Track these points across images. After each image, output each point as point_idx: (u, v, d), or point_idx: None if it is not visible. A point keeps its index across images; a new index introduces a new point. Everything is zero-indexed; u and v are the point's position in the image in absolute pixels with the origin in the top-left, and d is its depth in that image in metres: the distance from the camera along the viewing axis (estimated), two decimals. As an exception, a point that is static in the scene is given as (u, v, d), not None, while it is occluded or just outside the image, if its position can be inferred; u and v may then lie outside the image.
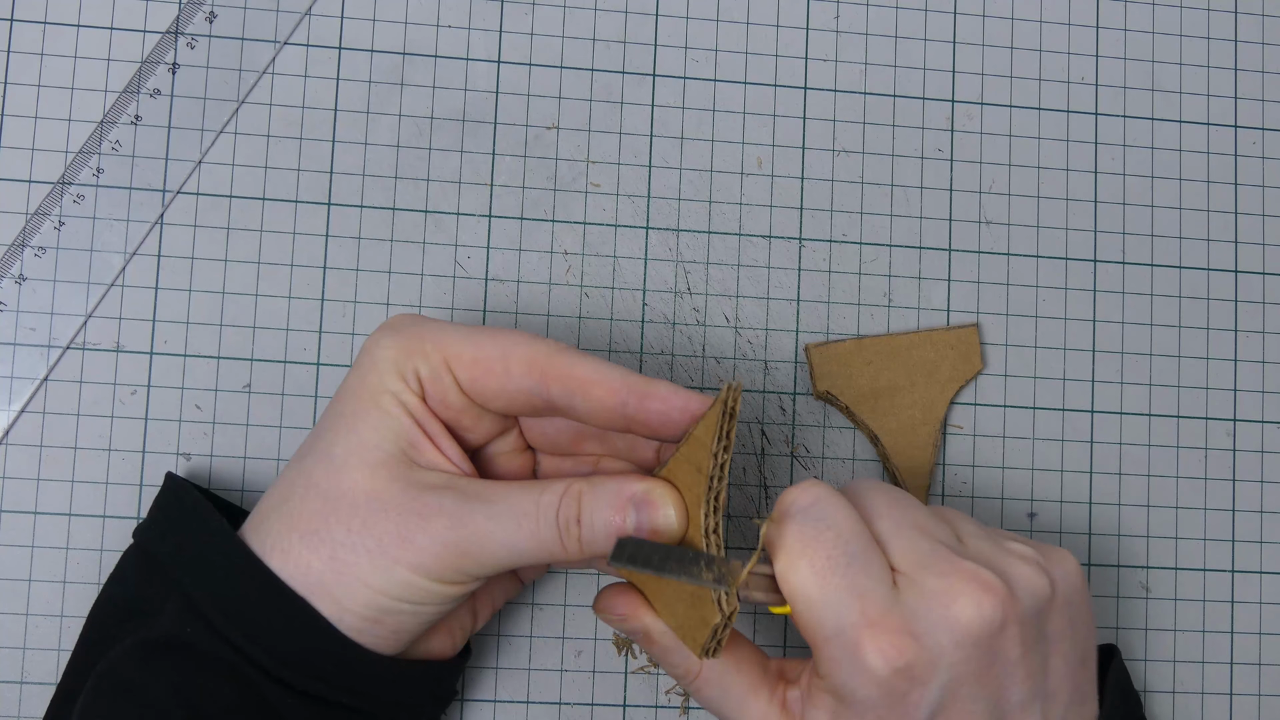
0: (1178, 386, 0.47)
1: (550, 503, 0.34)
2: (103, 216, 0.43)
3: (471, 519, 0.34)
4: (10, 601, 0.42)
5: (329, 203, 0.44)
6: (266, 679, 0.34)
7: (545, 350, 0.35)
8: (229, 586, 0.34)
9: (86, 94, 0.44)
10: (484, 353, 0.35)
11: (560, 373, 0.35)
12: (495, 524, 0.34)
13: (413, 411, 0.35)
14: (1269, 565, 0.47)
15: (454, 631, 0.39)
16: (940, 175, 0.47)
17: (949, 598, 0.33)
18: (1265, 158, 0.49)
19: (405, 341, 0.35)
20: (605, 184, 0.46)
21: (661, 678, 0.44)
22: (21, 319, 0.43)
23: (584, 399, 0.35)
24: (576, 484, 0.35)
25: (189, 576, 0.35)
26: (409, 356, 0.35)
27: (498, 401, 0.36)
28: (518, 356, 0.35)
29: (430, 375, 0.35)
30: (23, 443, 0.43)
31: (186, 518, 0.36)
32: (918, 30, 0.48)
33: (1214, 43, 0.49)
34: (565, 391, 0.35)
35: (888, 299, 0.46)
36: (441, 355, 0.35)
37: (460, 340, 0.35)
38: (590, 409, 0.35)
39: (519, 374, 0.35)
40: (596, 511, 0.34)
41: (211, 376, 0.43)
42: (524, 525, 0.34)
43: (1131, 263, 0.48)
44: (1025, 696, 0.35)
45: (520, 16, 0.46)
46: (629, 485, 0.35)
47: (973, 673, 0.34)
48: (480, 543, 0.34)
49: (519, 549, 0.34)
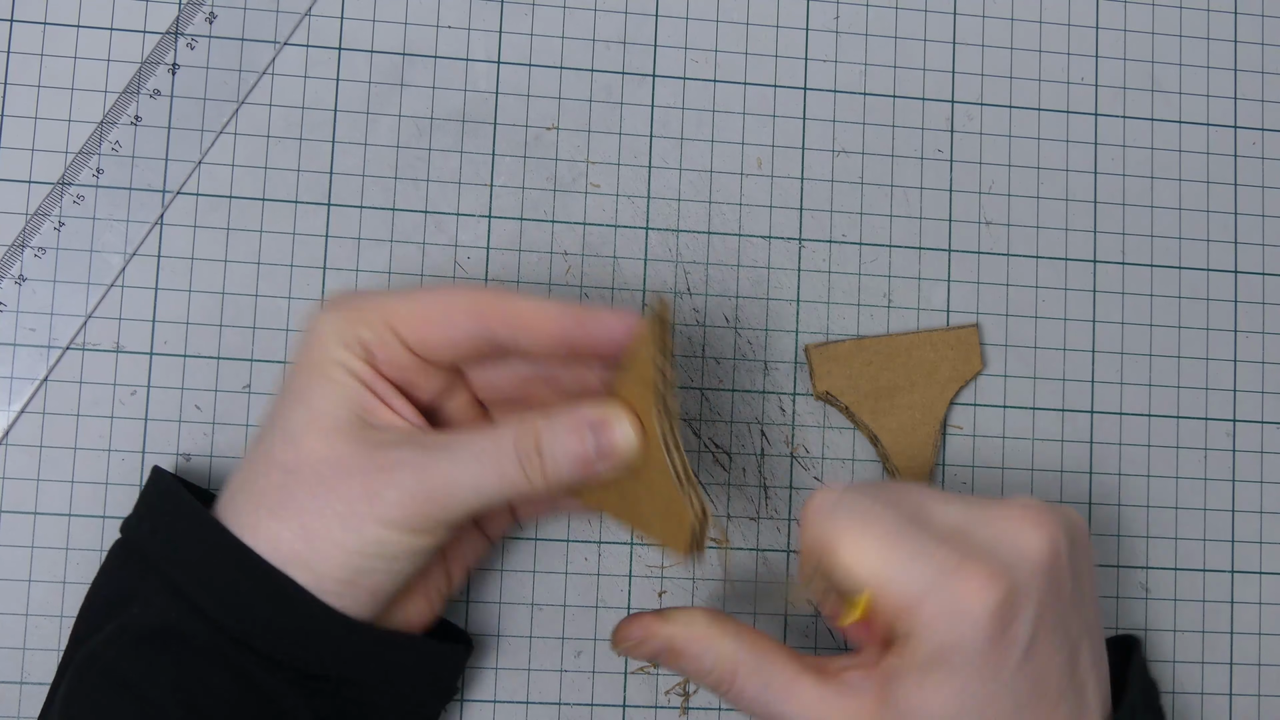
0: (1177, 387, 0.47)
1: (507, 435, 0.35)
2: (103, 217, 0.43)
3: (434, 465, 0.34)
4: (10, 602, 0.42)
5: (329, 203, 0.44)
6: (251, 656, 0.34)
7: (484, 294, 0.36)
8: (207, 566, 0.35)
9: (86, 94, 0.44)
10: (424, 308, 0.36)
11: (501, 312, 0.36)
12: (458, 467, 0.34)
13: (361, 376, 0.36)
14: (1269, 565, 0.47)
15: (430, 595, 0.39)
16: (940, 175, 0.47)
17: (1016, 529, 0.34)
18: (1265, 158, 0.49)
19: (345, 313, 0.36)
20: (605, 184, 0.46)
21: (661, 678, 0.44)
22: (21, 319, 0.43)
23: (527, 334, 0.36)
24: (530, 416, 0.36)
25: (167, 560, 0.35)
26: (351, 325, 0.36)
27: (445, 351, 0.36)
28: (458, 305, 0.36)
29: (375, 339, 0.36)
30: (23, 443, 0.43)
31: (163, 504, 0.37)
32: (918, 30, 0.48)
33: (1214, 43, 0.49)
34: (509, 331, 0.36)
35: (888, 299, 0.46)
36: (383, 318, 0.36)
37: (399, 300, 0.36)
38: (535, 341, 0.36)
39: (462, 322, 0.36)
40: (555, 439, 0.35)
41: (211, 377, 0.43)
42: (485, 463, 0.35)
43: (1131, 263, 0.48)
44: (1080, 628, 0.35)
45: (520, 17, 0.46)
46: (583, 410, 0.36)
47: (1048, 603, 0.34)
48: (446, 487, 0.34)
49: (484, 488, 0.35)
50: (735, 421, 0.45)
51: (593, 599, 0.44)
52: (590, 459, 0.36)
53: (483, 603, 0.44)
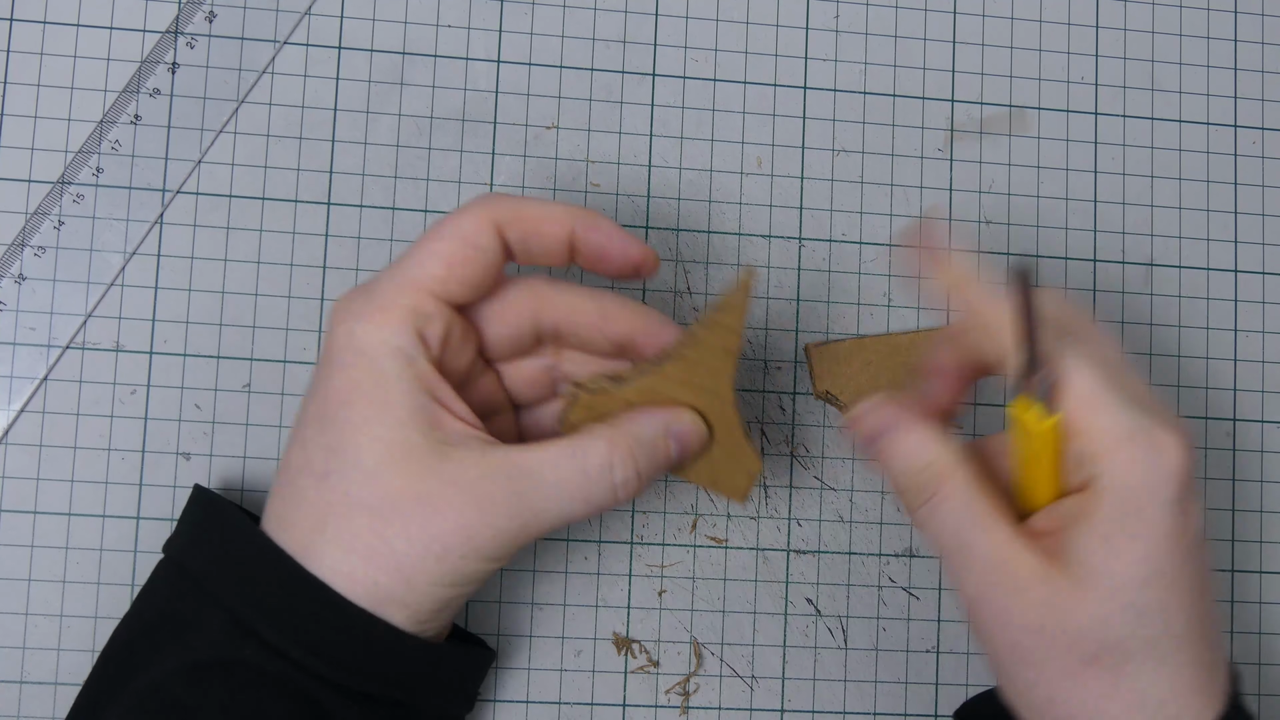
0: (1178, 386, 0.47)
1: (600, 467, 0.35)
2: (102, 216, 0.43)
3: (527, 502, 0.34)
4: (10, 601, 0.42)
5: (329, 202, 0.44)
6: (322, 686, 0.34)
7: (490, 202, 0.36)
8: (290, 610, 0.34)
9: (86, 94, 0.44)
10: (448, 250, 0.35)
11: (511, 214, 0.36)
12: (550, 501, 0.35)
13: (427, 384, 0.35)
14: (1269, 565, 0.47)
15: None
16: (940, 175, 0.47)
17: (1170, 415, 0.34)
18: (1265, 158, 0.49)
19: (386, 314, 0.35)
20: (605, 184, 0.46)
21: (661, 677, 0.44)
22: (21, 319, 0.43)
23: (537, 236, 0.36)
24: (621, 443, 0.36)
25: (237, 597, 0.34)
26: (400, 322, 0.34)
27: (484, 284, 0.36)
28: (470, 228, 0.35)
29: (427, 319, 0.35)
30: (23, 442, 0.43)
31: (233, 540, 0.36)
32: (918, 30, 0.48)
33: (1214, 43, 0.49)
34: (520, 235, 0.36)
35: (888, 299, 0.46)
36: (421, 290, 0.35)
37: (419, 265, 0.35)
38: (543, 245, 0.36)
39: (485, 244, 0.36)
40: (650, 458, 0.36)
41: (211, 376, 0.43)
42: (575, 493, 0.35)
43: (1131, 262, 0.48)
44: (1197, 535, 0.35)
45: (520, 16, 0.46)
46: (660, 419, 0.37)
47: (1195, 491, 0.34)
48: (538, 518, 0.35)
49: (575, 512, 0.35)
50: (735, 421, 0.45)
51: (593, 599, 0.44)
52: (672, 464, 0.37)
53: (483, 602, 0.44)
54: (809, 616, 0.45)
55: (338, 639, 0.34)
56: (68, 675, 0.42)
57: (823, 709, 0.45)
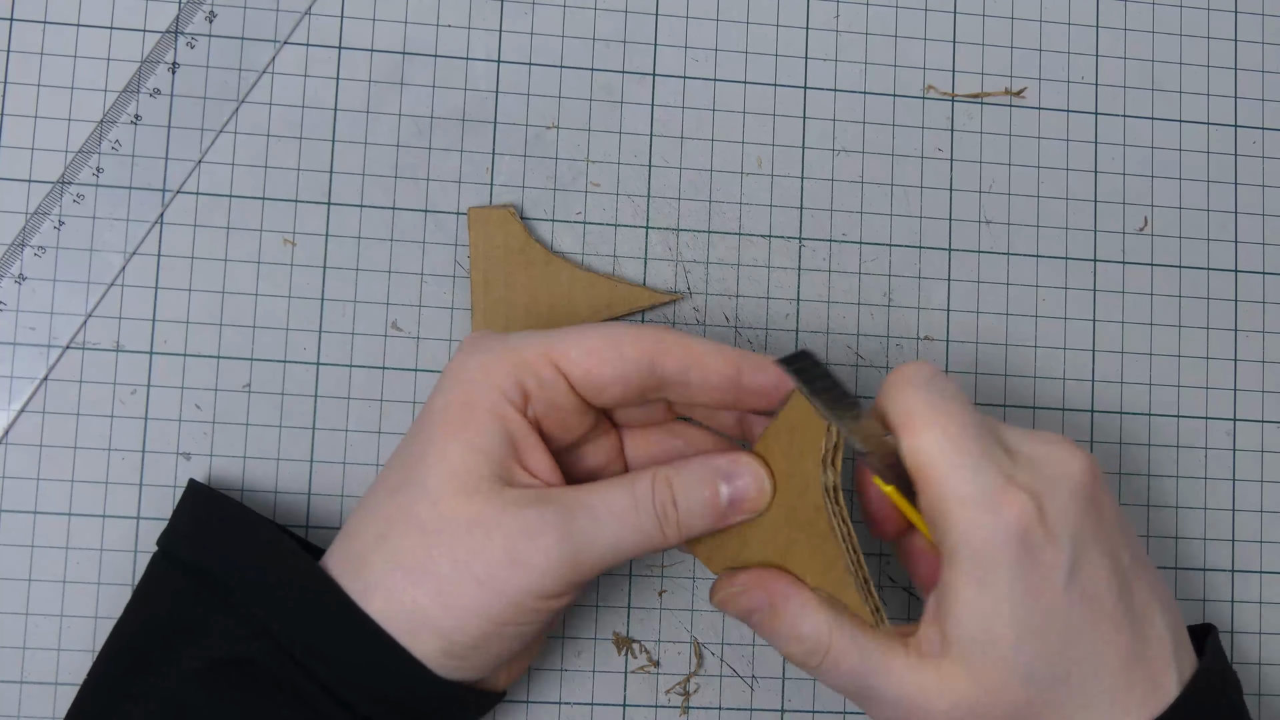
0: (1178, 386, 0.47)
1: (645, 493, 0.35)
2: (103, 216, 0.43)
3: (577, 528, 0.34)
4: (10, 601, 0.42)
5: (329, 202, 0.44)
6: (330, 703, 0.34)
7: (653, 330, 0.36)
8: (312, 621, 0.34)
9: (86, 93, 0.44)
10: (592, 344, 0.35)
11: (673, 348, 0.35)
12: (599, 527, 0.34)
13: (511, 428, 0.35)
14: (1269, 565, 0.47)
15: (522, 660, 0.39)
16: (940, 175, 0.47)
17: (1055, 458, 0.35)
18: (1265, 157, 0.49)
19: (502, 356, 0.35)
20: (605, 184, 0.46)
21: (661, 677, 0.44)
22: (21, 319, 0.43)
23: (699, 371, 0.35)
24: (662, 470, 0.35)
25: (267, 610, 0.34)
26: (510, 370, 0.35)
27: (612, 390, 0.36)
28: (628, 340, 0.35)
29: (538, 383, 0.35)
30: (23, 442, 0.43)
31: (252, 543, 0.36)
32: (918, 30, 0.48)
33: (1214, 42, 0.49)
34: (680, 367, 0.35)
35: (888, 299, 0.46)
36: (548, 359, 0.35)
37: (562, 340, 0.35)
38: (705, 381, 0.36)
39: (633, 356, 0.35)
40: (690, 491, 0.35)
41: (211, 376, 0.43)
42: (626, 521, 0.34)
43: (1131, 262, 0.48)
44: (1131, 560, 0.36)
45: (520, 16, 0.46)
46: (714, 459, 0.36)
47: (1090, 527, 0.34)
48: (589, 549, 0.34)
49: (623, 547, 0.35)
50: (735, 421, 0.45)
51: (593, 599, 0.44)
52: (723, 510, 0.36)
53: (483, 602, 0.44)
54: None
55: (359, 662, 0.34)
56: (68, 675, 0.42)
57: (823, 709, 0.45)
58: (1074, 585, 0.34)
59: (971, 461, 0.34)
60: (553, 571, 0.33)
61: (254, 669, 0.34)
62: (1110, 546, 0.35)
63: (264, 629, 0.34)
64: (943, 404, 0.34)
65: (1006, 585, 0.33)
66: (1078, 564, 0.34)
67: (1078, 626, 0.34)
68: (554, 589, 0.34)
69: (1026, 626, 0.34)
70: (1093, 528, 0.35)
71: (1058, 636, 0.34)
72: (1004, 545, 0.33)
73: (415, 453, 0.35)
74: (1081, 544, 0.34)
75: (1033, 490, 0.34)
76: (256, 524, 0.36)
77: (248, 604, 0.34)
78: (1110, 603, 0.35)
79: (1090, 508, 0.35)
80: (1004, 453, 0.35)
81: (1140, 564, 0.36)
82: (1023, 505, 0.33)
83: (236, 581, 0.35)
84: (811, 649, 0.35)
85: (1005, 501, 0.33)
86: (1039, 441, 0.36)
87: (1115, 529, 0.36)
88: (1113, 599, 0.35)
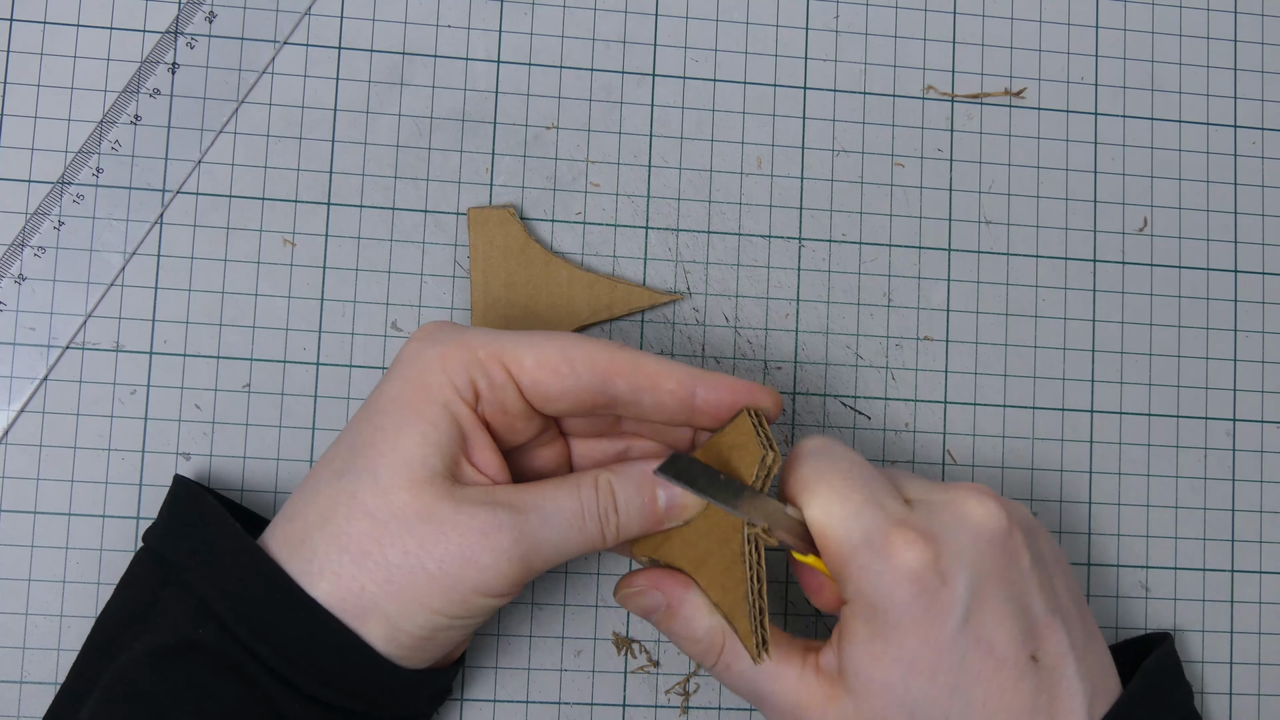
0: (1177, 386, 0.47)
1: (590, 498, 0.35)
2: (102, 216, 0.43)
3: (530, 530, 0.34)
4: (10, 601, 0.42)
5: (329, 203, 0.44)
6: (275, 682, 0.34)
7: (607, 348, 0.36)
8: (256, 602, 0.34)
9: (86, 94, 0.44)
10: (546, 355, 0.35)
11: (626, 368, 0.35)
12: (549, 531, 0.35)
13: (462, 423, 0.35)
14: (1269, 565, 0.47)
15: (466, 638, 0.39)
16: (940, 175, 0.47)
17: (958, 502, 0.35)
18: (1265, 158, 0.49)
19: (455, 350, 0.35)
20: (605, 184, 0.46)
21: (661, 677, 0.44)
22: (21, 319, 0.43)
23: (652, 392, 0.36)
24: (604, 474, 0.36)
25: (207, 584, 0.35)
26: (463, 366, 0.35)
27: (560, 403, 0.36)
28: (581, 356, 0.35)
29: (489, 384, 0.35)
30: (23, 442, 0.43)
31: (207, 528, 0.36)
32: (918, 30, 0.48)
33: (1214, 43, 0.49)
34: (632, 387, 0.35)
35: (888, 299, 0.46)
36: (500, 362, 0.35)
37: (517, 345, 0.35)
38: (658, 402, 0.36)
39: (584, 373, 0.35)
40: (629, 497, 0.36)
41: (211, 376, 0.43)
42: (573, 525, 0.35)
43: (1131, 263, 0.48)
44: (1046, 608, 0.36)
45: (520, 16, 0.46)
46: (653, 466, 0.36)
47: (994, 573, 0.35)
48: (538, 551, 0.34)
49: (568, 548, 0.35)
50: (735, 421, 0.45)
51: (593, 599, 0.44)
52: (660, 516, 0.36)
53: (482, 602, 0.44)
54: (809, 616, 0.45)
55: (305, 643, 0.34)
56: (68, 675, 0.42)
57: (822, 709, 0.45)
58: (968, 629, 0.34)
59: (855, 509, 0.35)
60: (504, 571, 0.34)
61: (201, 651, 0.34)
62: (1017, 594, 0.35)
63: (211, 612, 0.34)
64: (830, 466, 0.36)
65: (895, 624, 0.34)
66: (975, 608, 0.34)
67: (973, 670, 0.34)
68: (502, 588, 0.34)
69: (914, 666, 0.34)
70: (998, 574, 0.35)
71: (947, 678, 0.34)
72: (893, 586, 0.34)
73: (364, 438, 0.35)
74: (981, 589, 0.34)
75: (927, 533, 0.34)
76: (213, 508, 0.36)
77: (196, 587, 0.35)
78: (1010, 650, 0.35)
79: (995, 554, 0.35)
80: (899, 501, 0.35)
81: (1060, 614, 0.36)
82: (911, 545, 0.34)
83: (185, 564, 0.35)
84: (705, 650, 0.37)
85: (894, 543, 0.34)
86: (945, 490, 0.36)
87: (1030, 578, 0.36)
88: (1013, 646, 0.35)
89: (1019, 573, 0.35)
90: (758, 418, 0.36)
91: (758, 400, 0.36)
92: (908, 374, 0.46)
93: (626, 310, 0.44)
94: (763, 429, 0.36)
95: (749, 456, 0.35)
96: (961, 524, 0.35)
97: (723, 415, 0.37)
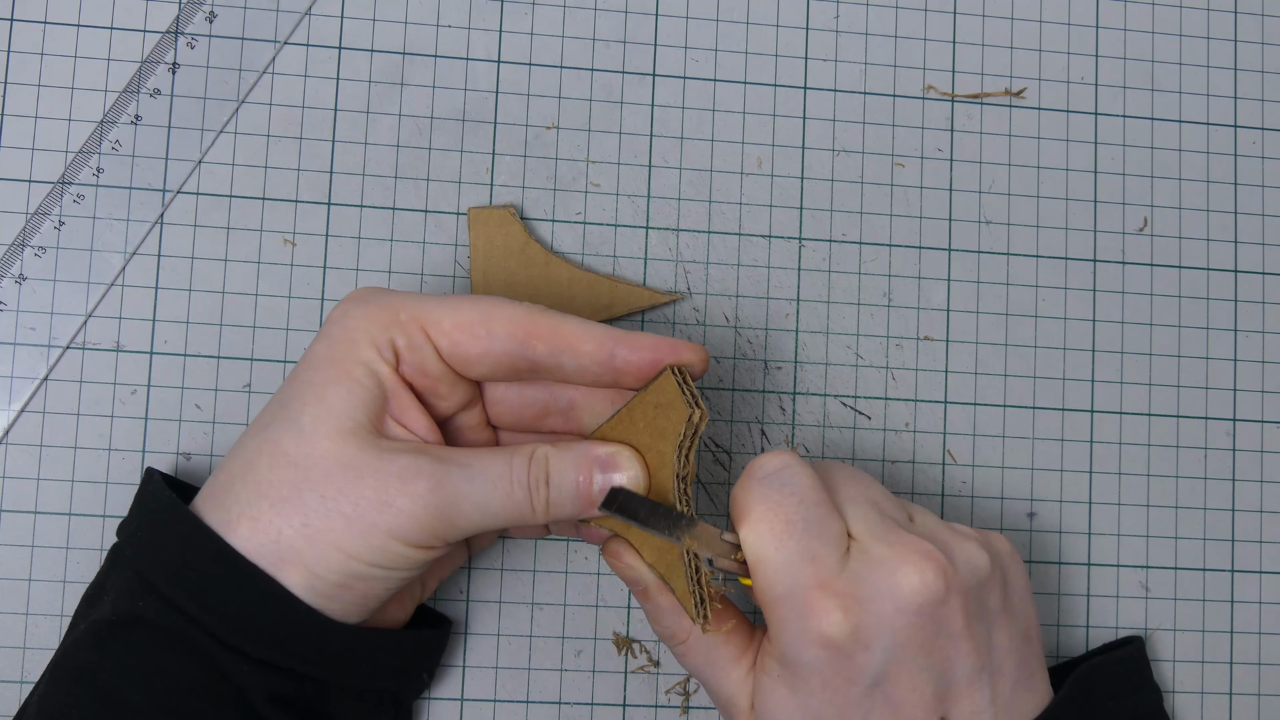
0: (1177, 386, 0.47)
1: (521, 464, 0.35)
2: (103, 216, 0.43)
3: (450, 481, 0.34)
4: (10, 601, 0.42)
5: (329, 203, 0.44)
6: (223, 650, 0.34)
7: (526, 311, 0.36)
8: (181, 559, 0.34)
9: (86, 94, 0.44)
10: (464, 317, 0.35)
11: (545, 331, 0.35)
12: (472, 486, 0.34)
13: (384, 382, 0.35)
14: (1269, 565, 0.47)
15: (404, 600, 0.39)
16: (940, 175, 0.47)
17: (894, 566, 0.34)
18: (1265, 158, 0.49)
19: (378, 312, 0.35)
20: (605, 184, 0.46)
21: (662, 677, 0.44)
22: (21, 319, 0.43)
23: (572, 355, 0.36)
24: (543, 448, 0.36)
25: (140, 553, 0.35)
26: (383, 327, 0.35)
27: (480, 366, 0.36)
28: (499, 318, 0.35)
29: (408, 344, 0.35)
30: (23, 442, 0.43)
31: (145, 503, 0.36)
32: (918, 30, 0.48)
33: (1214, 43, 0.49)
34: (551, 350, 0.35)
35: (888, 299, 0.46)
36: (419, 323, 0.35)
37: (437, 307, 0.35)
38: (579, 364, 0.36)
39: (502, 335, 0.35)
40: (563, 473, 0.36)
41: (211, 376, 0.43)
42: (499, 487, 0.35)
43: (1131, 263, 0.48)
44: (971, 669, 0.35)
45: (520, 16, 0.46)
46: (594, 448, 0.36)
47: (917, 641, 0.34)
48: (458, 505, 0.34)
49: (492, 511, 0.35)
50: (735, 421, 0.45)
51: (593, 599, 0.44)
52: (593, 499, 0.36)
53: (483, 602, 0.44)
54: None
55: (227, 592, 0.34)
56: (68, 675, 0.42)
57: (823, 709, 0.45)
58: (878, 691, 0.35)
59: (785, 560, 0.34)
60: (420, 518, 0.34)
61: (143, 625, 0.34)
62: (939, 660, 0.35)
63: (149, 583, 0.34)
64: (777, 498, 0.35)
65: (806, 679, 0.35)
66: (889, 672, 0.34)
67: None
68: (420, 538, 0.34)
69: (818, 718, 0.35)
70: (919, 643, 0.34)
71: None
72: (807, 645, 0.34)
73: (289, 393, 0.35)
74: (898, 655, 0.34)
75: (850, 598, 0.34)
76: (153, 482, 0.37)
77: (132, 557, 0.35)
78: (918, 713, 0.35)
79: (921, 624, 0.34)
80: (837, 552, 0.35)
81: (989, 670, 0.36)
82: (829, 614, 0.34)
83: (126, 541, 0.36)
84: (673, 634, 0.38)
85: (815, 608, 0.34)
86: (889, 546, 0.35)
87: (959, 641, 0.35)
88: (921, 709, 0.35)
89: (946, 638, 0.35)
90: (682, 375, 0.36)
91: (682, 357, 0.36)
92: (908, 374, 0.46)
93: (627, 310, 0.44)
94: (688, 386, 0.35)
95: (675, 415, 0.35)
96: (890, 593, 0.34)
97: (646, 375, 0.36)
